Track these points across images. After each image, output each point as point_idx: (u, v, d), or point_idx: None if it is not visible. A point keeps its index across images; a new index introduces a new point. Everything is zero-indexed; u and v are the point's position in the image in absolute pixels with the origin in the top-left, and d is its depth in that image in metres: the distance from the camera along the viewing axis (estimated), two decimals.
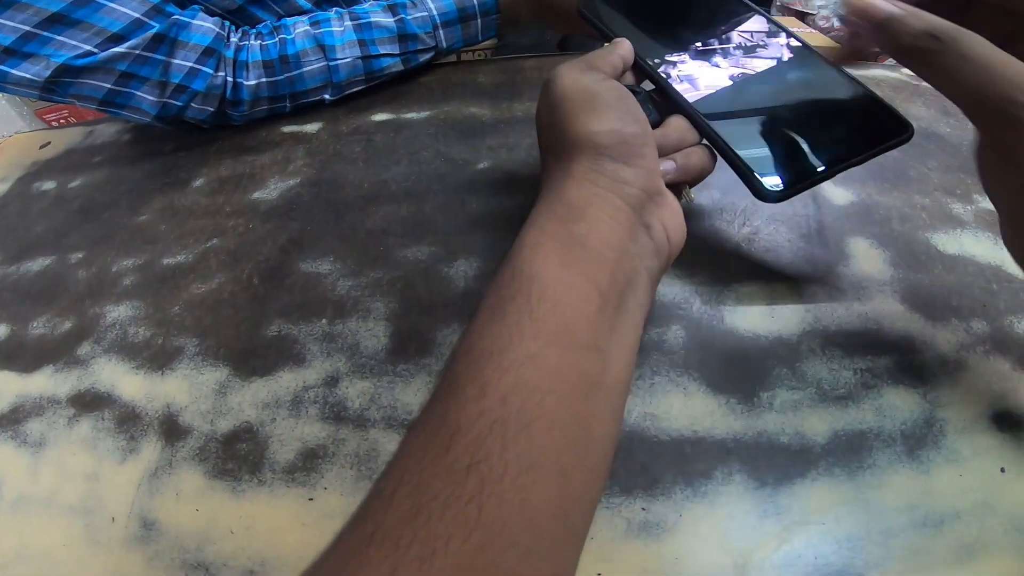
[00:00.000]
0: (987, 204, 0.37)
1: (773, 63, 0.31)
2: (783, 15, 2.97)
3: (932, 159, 0.41)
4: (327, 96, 0.48)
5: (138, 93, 0.43)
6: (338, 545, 0.17)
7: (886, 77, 0.51)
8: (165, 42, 0.43)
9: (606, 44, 0.31)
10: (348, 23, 0.47)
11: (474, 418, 0.18)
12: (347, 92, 0.49)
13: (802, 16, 2.90)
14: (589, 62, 0.28)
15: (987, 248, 0.34)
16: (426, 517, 0.16)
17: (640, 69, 0.31)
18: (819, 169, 0.26)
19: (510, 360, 0.19)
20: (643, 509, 0.24)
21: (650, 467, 0.25)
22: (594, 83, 0.27)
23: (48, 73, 0.40)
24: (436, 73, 0.52)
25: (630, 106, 0.26)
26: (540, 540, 0.17)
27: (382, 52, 0.47)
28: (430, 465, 0.17)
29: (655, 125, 0.29)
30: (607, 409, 0.20)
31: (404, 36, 0.48)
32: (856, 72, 0.51)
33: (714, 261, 0.32)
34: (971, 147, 0.42)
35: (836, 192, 0.36)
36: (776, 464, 0.25)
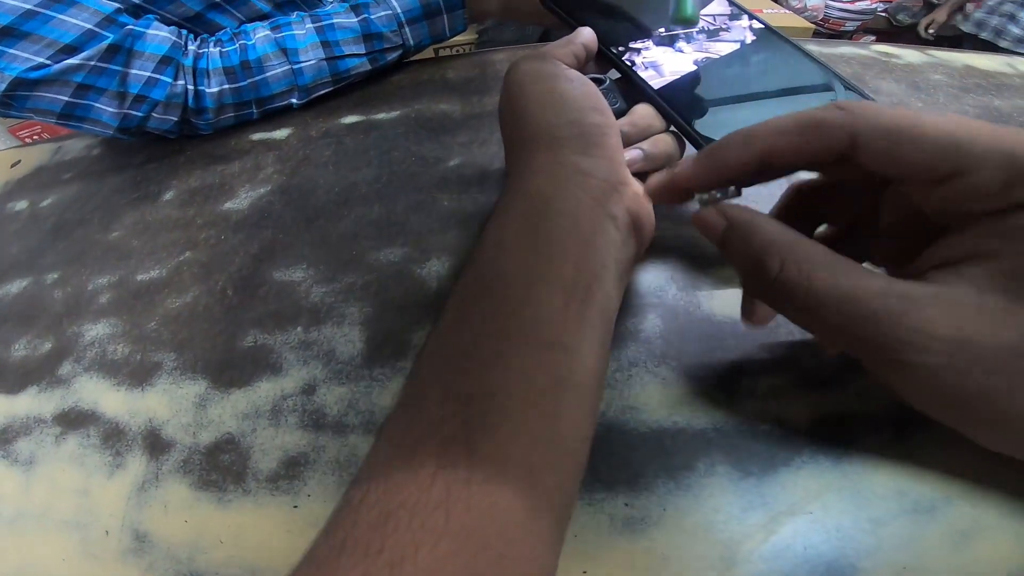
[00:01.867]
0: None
1: (736, 46, 0.31)
2: None
3: None
4: (294, 100, 0.48)
5: (97, 105, 0.43)
6: (311, 555, 0.17)
7: (856, 54, 0.51)
8: (121, 52, 0.42)
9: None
10: (310, 25, 0.47)
11: (438, 423, 0.18)
12: (315, 95, 0.49)
13: None
14: (548, 53, 0.28)
15: None
16: (394, 524, 0.16)
17: (605, 58, 0.31)
18: None
19: (474, 362, 0.19)
20: (626, 504, 0.24)
21: (631, 461, 0.25)
22: (552, 74, 0.26)
23: (3, 87, 0.40)
24: (406, 71, 0.52)
25: (590, 96, 0.26)
26: (512, 544, 0.17)
27: (347, 53, 0.47)
28: (396, 472, 0.17)
29: (621, 114, 0.29)
30: (577, 407, 0.20)
31: (369, 35, 0.47)
32: (825, 50, 0.51)
33: (689, 248, 0.32)
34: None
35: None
36: (759, 453, 0.24)
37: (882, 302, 0.17)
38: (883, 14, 2.98)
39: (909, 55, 0.52)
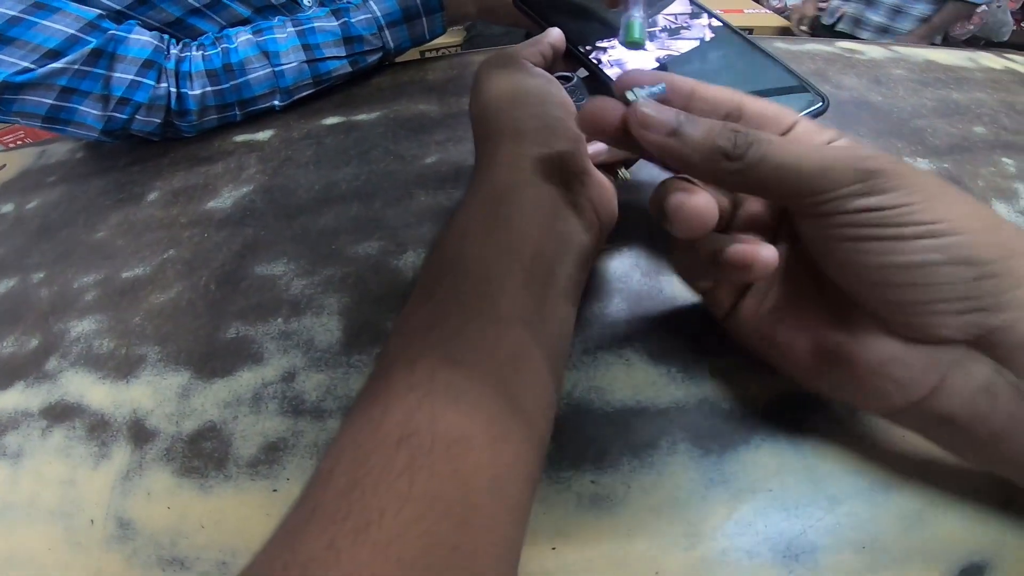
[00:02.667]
0: (918, 166, 0.38)
1: (696, 44, 0.32)
2: None
3: (863, 126, 0.43)
4: (276, 102, 0.49)
5: (81, 108, 0.44)
6: (283, 524, 0.18)
7: (820, 51, 0.52)
8: (104, 56, 0.44)
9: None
10: (291, 29, 0.48)
11: (404, 393, 0.19)
12: (296, 96, 0.50)
13: None
14: (516, 52, 0.29)
15: None
16: (360, 492, 0.17)
17: (573, 56, 0.32)
18: None
19: (437, 336, 0.20)
20: (592, 482, 0.25)
21: (597, 440, 0.26)
22: (517, 71, 0.28)
23: None
24: (387, 73, 0.53)
25: (552, 92, 0.27)
26: (475, 511, 0.17)
27: (328, 55, 0.48)
28: (364, 442, 0.18)
29: None
30: (538, 381, 0.21)
31: (349, 39, 0.49)
32: (791, 47, 0.53)
33: (653, 235, 0.33)
34: (901, 113, 0.44)
35: None
36: (720, 431, 0.25)
37: (841, 148, 0.20)
38: None
39: (872, 51, 0.53)
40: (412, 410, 0.18)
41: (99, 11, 0.44)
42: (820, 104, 0.28)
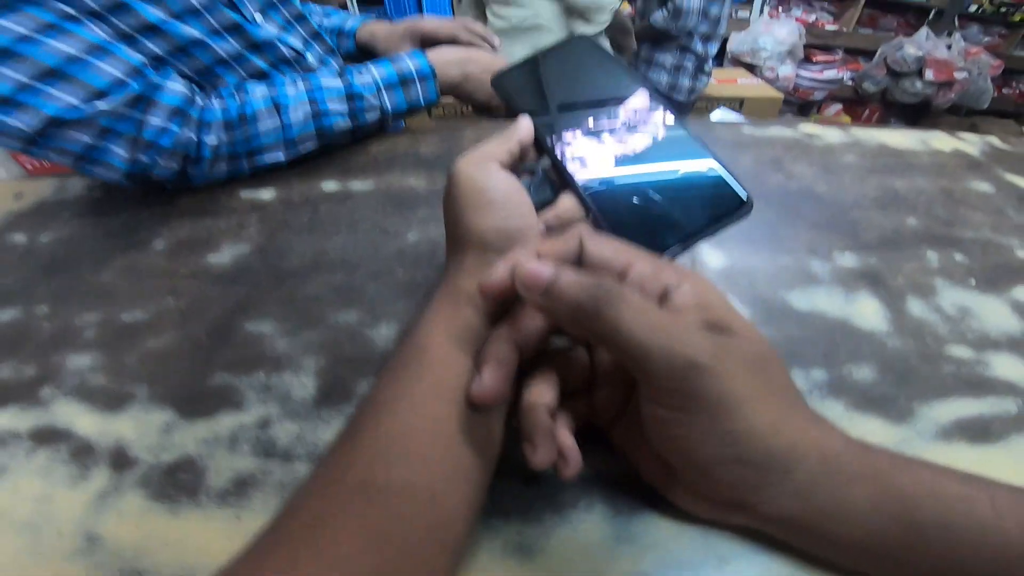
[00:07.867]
0: (845, 262, 0.42)
1: (650, 141, 0.33)
2: (733, 66, 3.07)
3: (803, 219, 0.47)
4: (281, 155, 0.54)
5: (113, 148, 0.47)
6: (251, 546, 0.22)
7: (782, 136, 0.57)
8: (142, 101, 0.46)
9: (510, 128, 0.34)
10: (301, 86, 0.53)
11: (367, 450, 0.24)
12: (301, 148, 0.55)
13: (751, 68, 3.02)
14: (486, 153, 0.31)
15: (836, 304, 0.40)
16: (323, 524, 0.22)
17: (541, 146, 0.34)
18: (669, 246, 0.30)
19: (400, 408, 0.25)
20: (518, 532, 0.28)
21: (525, 496, 0.29)
22: (484, 179, 0.30)
23: (37, 123, 0.43)
24: (384, 142, 0.59)
25: (516, 201, 0.30)
26: (415, 547, 0.22)
27: (331, 109, 0.54)
28: (330, 486, 0.23)
29: (550, 203, 0.32)
30: (481, 446, 0.25)
31: (351, 95, 0.55)
32: (756, 131, 0.55)
33: None
34: (843, 204, 0.46)
35: (712, 256, 0.44)
36: (631, 495, 0.29)
37: (680, 333, 0.22)
38: (850, 83, 3.13)
39: (830, 135, 0.57)
40: (372, 463, 0.23)
41: (143, 58, 0.47)
42: (743, 208, 0.30)
